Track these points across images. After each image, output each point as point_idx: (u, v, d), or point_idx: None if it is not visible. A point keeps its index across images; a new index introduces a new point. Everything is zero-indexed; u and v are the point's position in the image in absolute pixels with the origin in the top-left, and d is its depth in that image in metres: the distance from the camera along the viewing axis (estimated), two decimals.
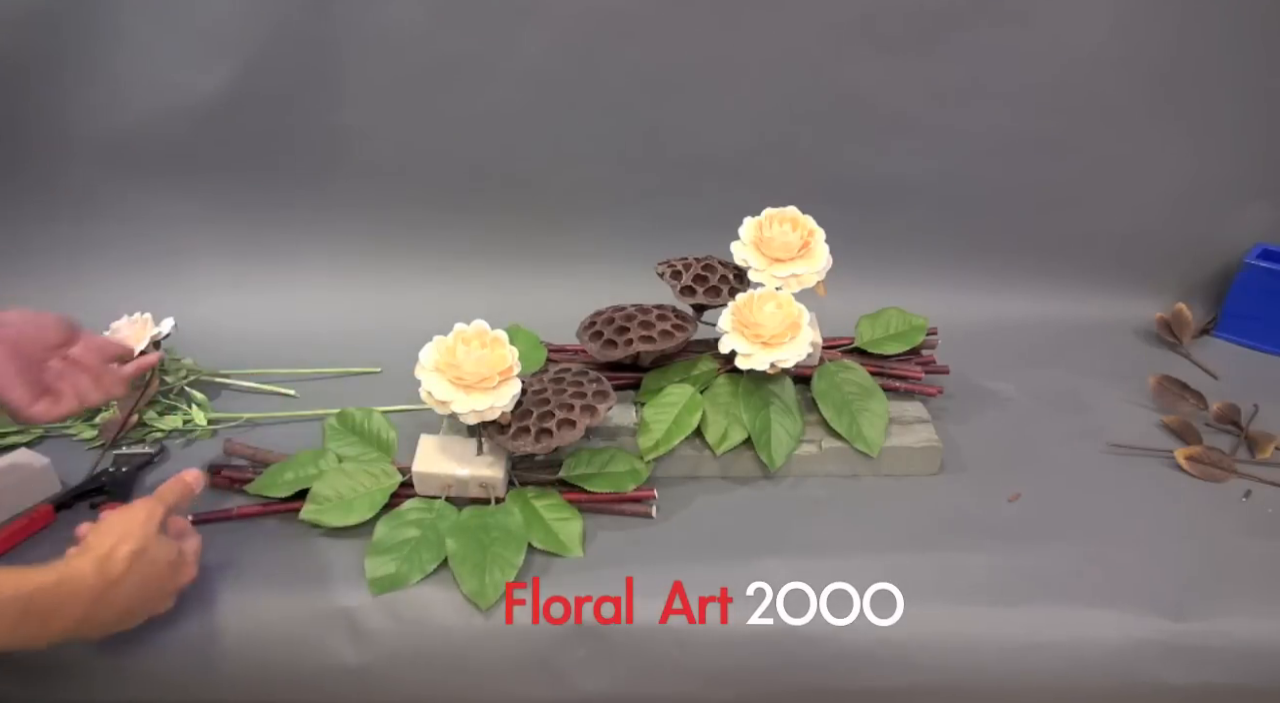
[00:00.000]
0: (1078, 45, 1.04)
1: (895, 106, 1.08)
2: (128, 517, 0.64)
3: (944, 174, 1.12)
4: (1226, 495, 0.84)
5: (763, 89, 1.07)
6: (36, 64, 1.02)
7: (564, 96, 1.08)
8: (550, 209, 1.15)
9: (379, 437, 0.85)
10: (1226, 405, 0.94)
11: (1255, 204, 1.12)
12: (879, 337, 0.95)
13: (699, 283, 0.91)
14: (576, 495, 0.80)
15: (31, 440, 0.89)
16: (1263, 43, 1.03)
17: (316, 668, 0.70)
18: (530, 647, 0.70)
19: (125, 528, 0.63)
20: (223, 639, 0.70)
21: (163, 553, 0.65)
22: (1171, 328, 1.09)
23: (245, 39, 1.02)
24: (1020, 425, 0.94)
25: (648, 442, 0.83)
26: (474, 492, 0.79)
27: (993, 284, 1.15)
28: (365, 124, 1.08)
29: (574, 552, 0.75)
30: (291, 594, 0.71)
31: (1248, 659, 0.70)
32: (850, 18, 1.03)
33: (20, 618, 0.57)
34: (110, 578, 0.60)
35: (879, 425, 0.86)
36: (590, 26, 1.03)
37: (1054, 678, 0.70)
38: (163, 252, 1.13)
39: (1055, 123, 1.08)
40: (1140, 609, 0.71)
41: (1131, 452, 0.90)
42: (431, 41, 1.04)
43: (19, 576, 0.57)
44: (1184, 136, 1.09)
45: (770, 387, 0.87)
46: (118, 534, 0.62)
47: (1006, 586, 0.73)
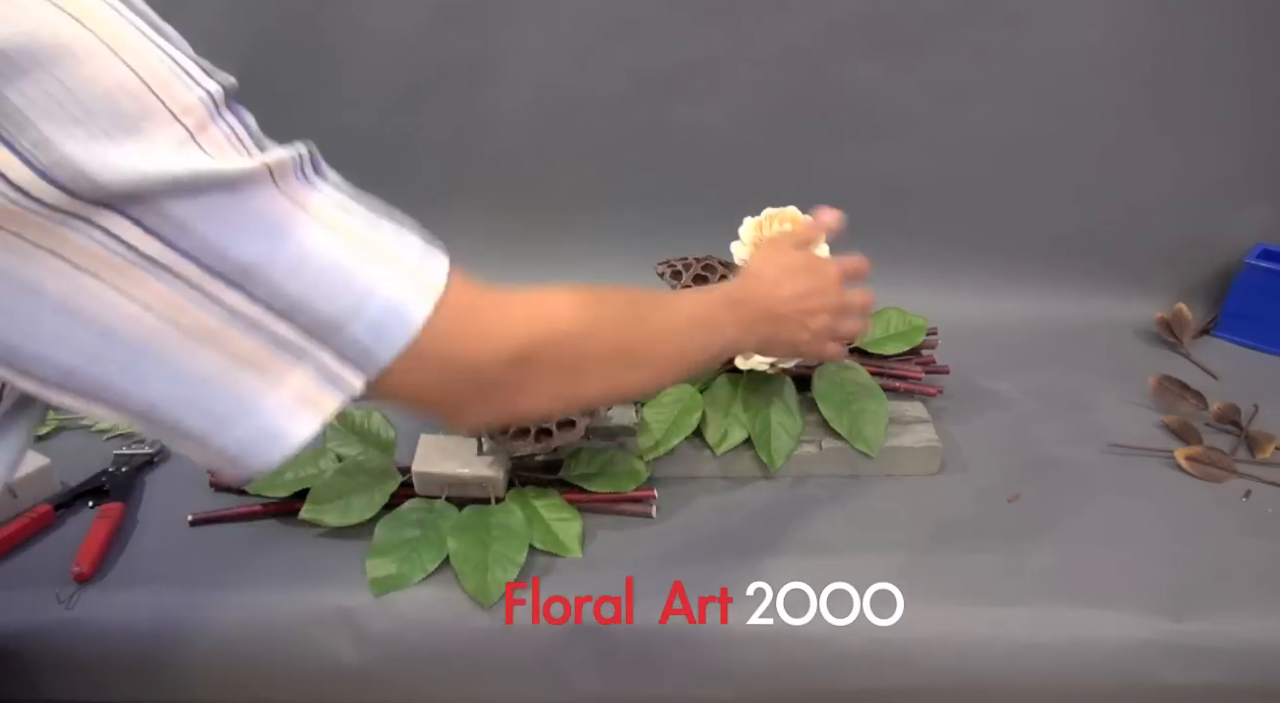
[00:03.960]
0: (1078, 45, 1.04)
1: (895, 106, 1.08)
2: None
3: (944, 174, 1.12)
4: (1226, 495, 0.84)
5: (763, 89, 1.07)
6: None
7: (564, 96, 1.08)
8: (550, 209, 1.15)
9: (379, 437, 0.85)
10: (1226, 405, 0.94)
11: (1255, 204, 1.12)
12: (879, 337, 0.95)
13: (699, 283, 0.91)
14: (576, 495, 0.80)
15: (34, 439, 0.89)
16: (1263, 43, 1.03)
17: (316, 668, 0.70)
18: (530, 647, 0.70)
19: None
20: (223, 639, 0.70)
21: (830, 272, 0.71)
22: (1171, 328, 1.09)
23: (244, 39, 1.02)
24: (1020, 425, 0.94)
25: (648, 442, 0.83)
26: (474, 492, 0.79)
27: (993, 284, 1.15)
28: (365, 124, 1.08)
29: (574, 552, 0.75)
30: (291, 594, 0.71)
31: (1248, 659, 0.70)
32: (850, 17, 1.03)
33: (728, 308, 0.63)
34: (780, 265, 0.69)
35: (879, 425, 0.86)
36: (590, 26, 1.03)
37: (1054, 678, 0.70)
38: None
39: (1055, 123, 1.08)
40: (1140, 609, 0.71)
41: (1131, 452, 0.90)
42: (431, 42, 1.04)
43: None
44: (1184, 137, 1.09)
45: (770, 387, 0.87)
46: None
47: (1006, 586, 0.73)
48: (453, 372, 0.47)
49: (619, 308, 0.57)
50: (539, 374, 0.50)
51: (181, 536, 0.77)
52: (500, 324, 0.49)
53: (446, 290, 0.45)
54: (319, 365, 0.43)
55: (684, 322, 0.61)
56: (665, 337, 0.60)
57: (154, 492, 0.83)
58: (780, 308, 0.67)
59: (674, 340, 0.60)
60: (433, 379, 0.47)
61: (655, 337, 0.59)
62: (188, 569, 0.74)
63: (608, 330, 0.55)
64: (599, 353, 0.54)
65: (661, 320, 0.60)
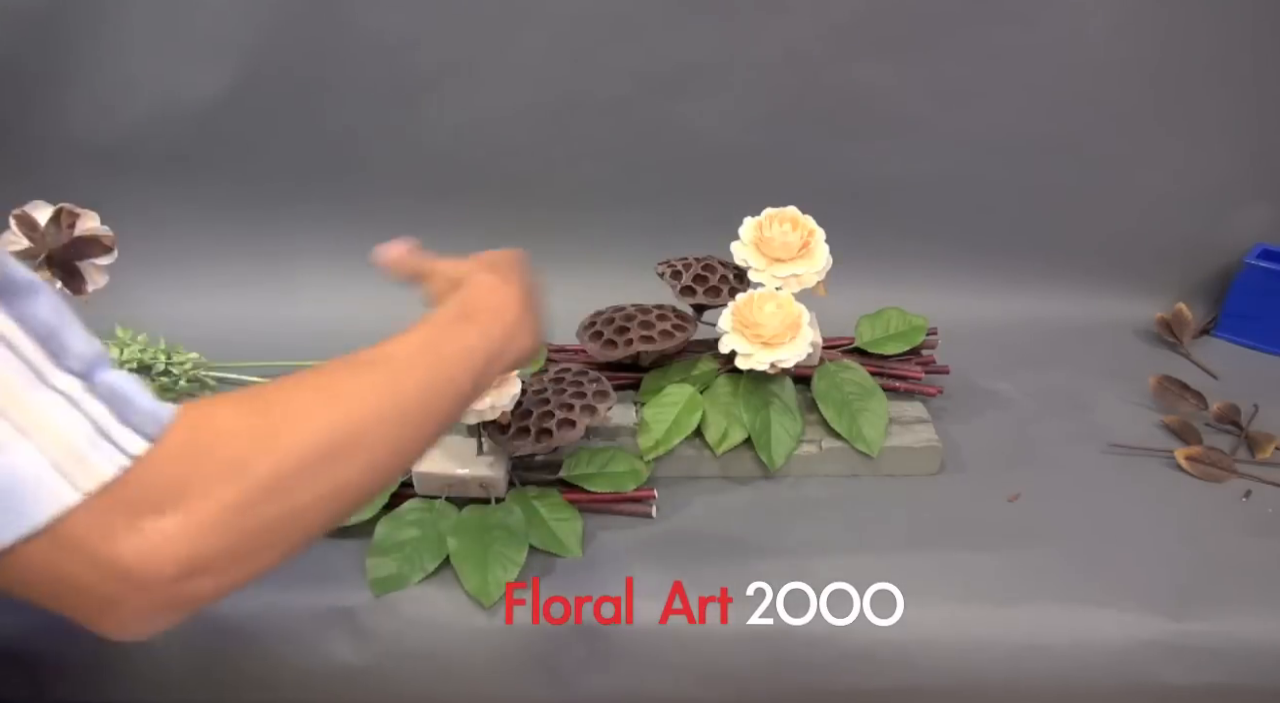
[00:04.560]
0: (1078, 45, 1.04)
1: (895, 106, 1.08)
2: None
3: (944, 174, 1.12)
4: (1226, 495, 0.84)
5: (763, 89, 1.07)
6: (36, 65, 1.02)
7: (564, 97, 1.08)
8: (550, 209, 1.15)
9: None
10: (1226, 405, 0.94)
11: (1255, 204, 1.12)
12: (879, 337, 0.95)
13: (699, 283, 0.91)
14: (576, 495, 0.80)
15: None
16: (1263, 43, 1.03)
17: (316, 668, 0.70)
18: (530, 647, 0.70)
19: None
20: (223, 639, 0.70)
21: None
22: (1171, 328, 1.09)
23: (245, 41, 1.02)
24: (1020, 425, 0.94)
25: (648, 442, 0.83)
26: (474, 492, 0.79)
27: (993, 284, 1.15)
28: (365, 125, 1.08)
29: (574, 552, 0.75)
30: (291, 594, 0.71)
31: (1248, 659, 0.70)
32: (850, 18, 1.02)
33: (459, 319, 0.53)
34: (503, 274, 0.58)
35: (879, 425, 0.86)
36: (590, 26, 1.03)
37: (1054, 678, 0.70)
38: (163, 252, 1.13)
39: (1055, 123, 1.08)
40: (1140, 609, 0.71)
41: (1131, 452, 0.90)
42: (431, 42, 1.04)
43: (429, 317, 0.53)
44: (1184, 136, 1.09)
45: (770, 387, 0.87)
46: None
47: (1006, 586, 0.73)
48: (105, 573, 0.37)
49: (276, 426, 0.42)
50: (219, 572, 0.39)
51: None
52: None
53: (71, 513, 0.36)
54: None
55: (397, 364, 0.48)
56: (383, 402, 0.45)
57: None
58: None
59: (401, 394, 0.47)
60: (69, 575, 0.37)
61: (361, 419, 0.44)
62: None
63: (289, 466, 0.41)
64: (295, 492, 0.41)
65: (356, 391, 0.45)
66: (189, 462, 0.39)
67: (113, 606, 0.38)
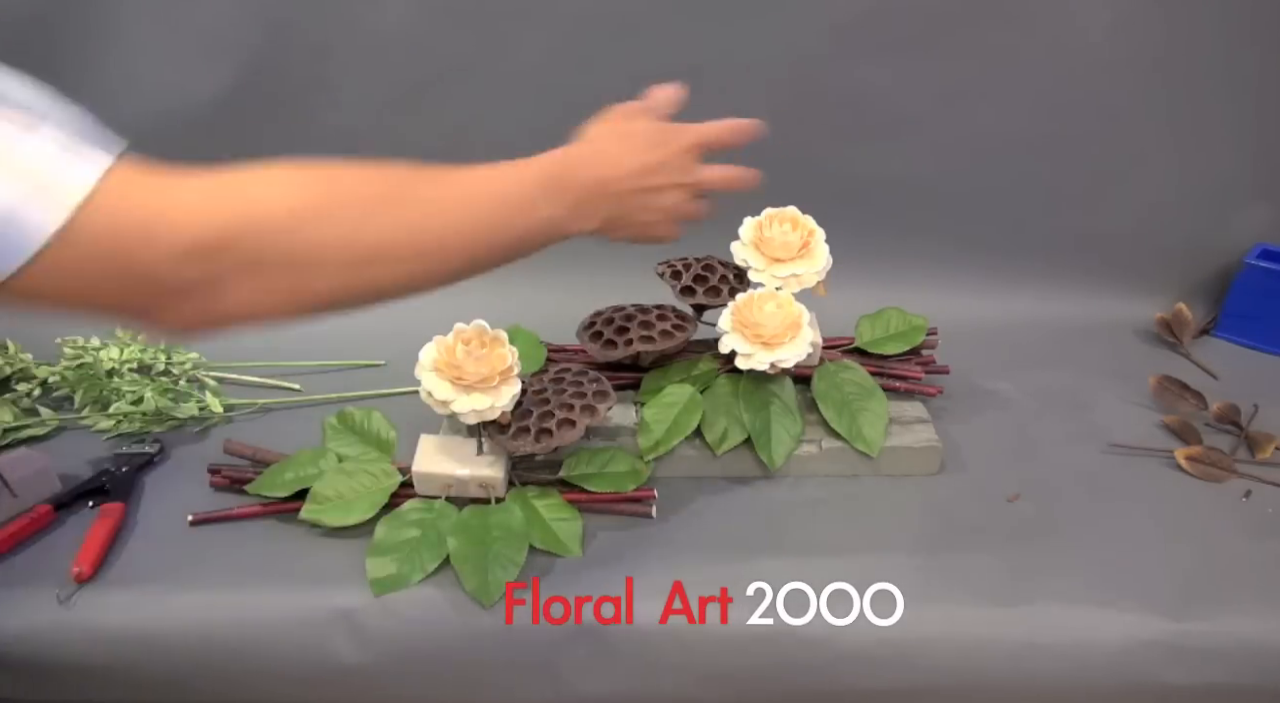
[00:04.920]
0: (1078, 46, 1.04)
1: (896, 107, 1.08)
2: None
3: (944, 174, 1.12)
4: (1226, 495, 0.84)
5: (763, 89, 1.07)
6: (35, 66, 1.02)
7: (564, 97, 1.08)
8: None
9: (379, 437, 0.85)
10: (1226, 405, 0.94)
11: (1255, 204, 1.12)
12: (879, 337, 0.95)
13: (699, 283, 0.91)
14: (576, 495, 0.80)
15: (33, 438, 0.89)
16: (1263, 43, 1.03)
17: (316, 668, 0.70)
18: (530, 647, 0.70)
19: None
20: (223, 639, 0.70)
21: (682, 142, 0.62)
22: (1171, 328, 1.09)
23: (244, 41, 1.02)
24: (1020, 425, 0.94)
25: (648, 442, 0.83)
26: (474, 492, 0.79)
27: (993, 284, 1.15)
28: (365, 125, 1.08)
29: (574, 552, 0.75)
30: (291, 594, 0.71)
31: (1248, 659, 0.70)
32: (851, 17, 1.02)
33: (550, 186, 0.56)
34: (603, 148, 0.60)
35: (879, 425, 0.86)
36: (590, 26, 1.03)
37: (1054, 678, 0.70)
38: None
39: (1055, 123, 1.08)
40: (1140, 609, 0.71)
41: (1131, 452, 0.90)
42: (431, 42, 1.04)
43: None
44: (1184, 136, 1.09)
45: (770, 387, 0.87)
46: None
47: (1006, 586, 0.73)
48: (119, 273, 0.44)
49: (357, 188, 0.50)
50: (236, 270, 0.45)
51: (181, 536, 0.77)
52: (173, 217, 0.45)
53: (95, 191, 0.43)
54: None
55: (464, 202, 0.54)
56: (430, 223, 0.52)
57: (154, 492, 0.83)
58: (621, 185, 0.60)
59: (445, 226, 0.52)
60: (94, 283, 0.43)
61: (415, 223, 0.51)
62: (188, 569, 0.74)
63: (337, 216, 0.48)
64: (323, 243, 0.47)
65: (426, 202, 0.52)
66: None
67: (146, 308, 0.44)
